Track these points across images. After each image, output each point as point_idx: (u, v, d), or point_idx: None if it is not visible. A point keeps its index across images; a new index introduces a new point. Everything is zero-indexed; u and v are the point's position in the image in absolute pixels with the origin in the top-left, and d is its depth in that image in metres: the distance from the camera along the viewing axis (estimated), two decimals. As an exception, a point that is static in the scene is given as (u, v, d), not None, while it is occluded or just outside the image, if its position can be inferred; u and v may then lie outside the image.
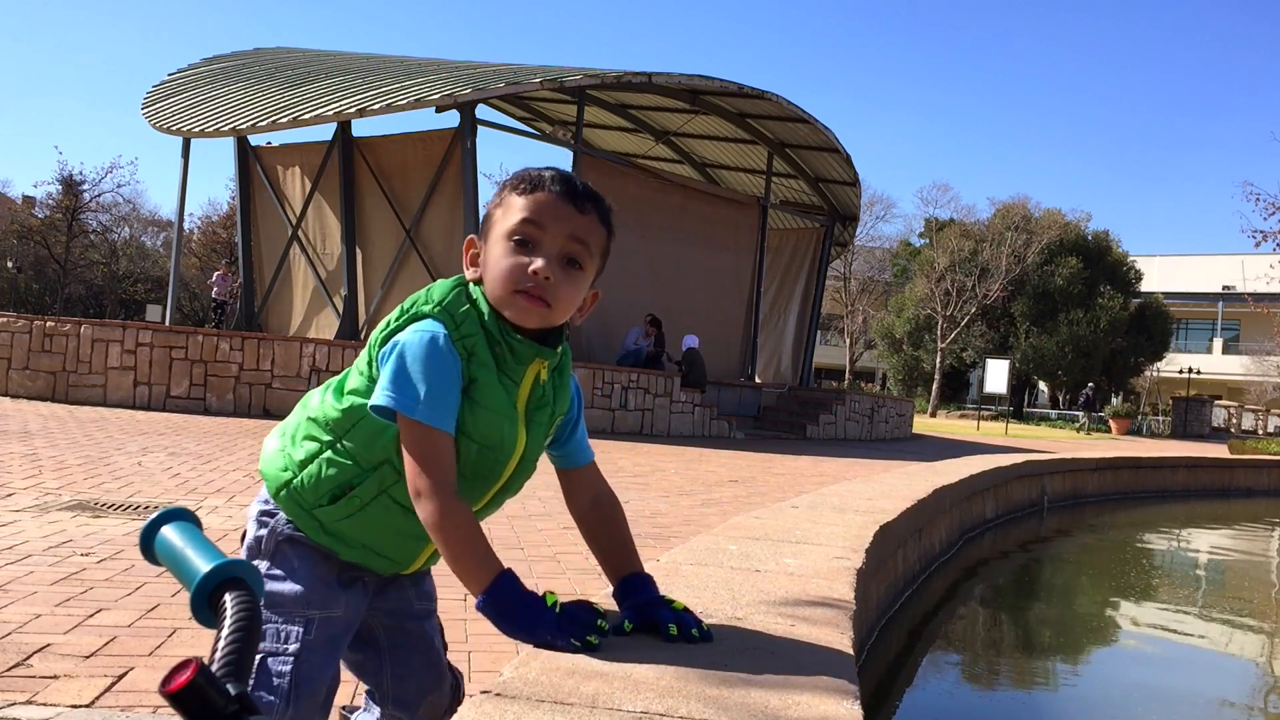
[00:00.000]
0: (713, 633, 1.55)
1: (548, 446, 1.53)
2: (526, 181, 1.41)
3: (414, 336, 1.35)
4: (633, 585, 1.51)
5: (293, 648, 1.38)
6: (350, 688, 2.35)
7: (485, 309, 1.40)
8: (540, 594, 1.39)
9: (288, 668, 1.36)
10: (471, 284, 1.43)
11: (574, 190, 1.40)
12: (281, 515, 1.45)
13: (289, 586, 1.41)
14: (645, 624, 1.50)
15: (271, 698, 1.35)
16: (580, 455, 1.56)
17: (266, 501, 1.47)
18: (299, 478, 1.42)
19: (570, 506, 1.59)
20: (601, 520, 1.56)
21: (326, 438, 1.41)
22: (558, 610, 1.36)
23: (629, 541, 1.56)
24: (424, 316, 1.38)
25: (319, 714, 1.43)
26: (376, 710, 1.59)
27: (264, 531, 1.45)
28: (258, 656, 1.37)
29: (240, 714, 0.74)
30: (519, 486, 1.51)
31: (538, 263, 1.36)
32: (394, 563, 1.48)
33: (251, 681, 1.38)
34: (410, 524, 1.40)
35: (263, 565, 1.43)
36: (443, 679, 1.57)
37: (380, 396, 1.33)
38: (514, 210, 1.39)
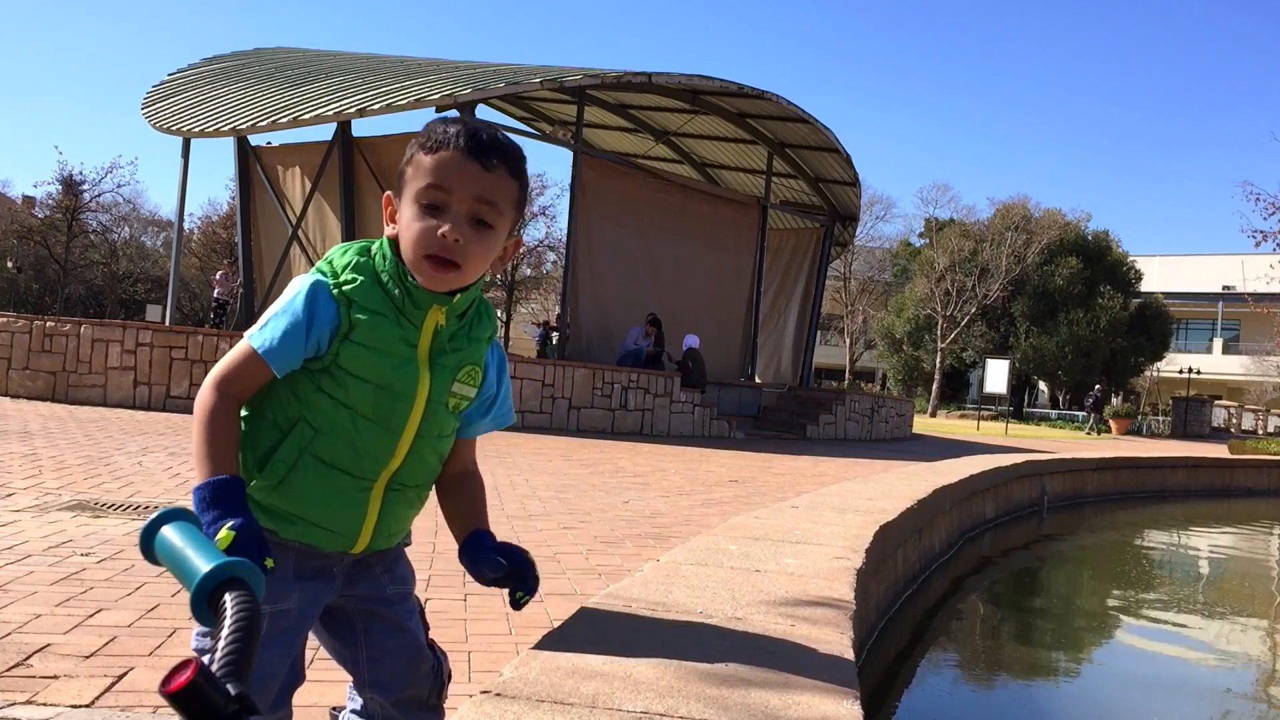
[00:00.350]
0: (535, 588, 1.50)
1: (466, 413, 1.52)
2: (433, 139, 1.39)
3: (287, 290, 1.41)
4: (474, 538, 1.51)
5: None
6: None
7: (387, 255, 1.42)
8: (233, 521, 1.25)
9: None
10: (387, 240, 1.44)
11: (480, 147, 1.39)
12: None
13: None
14: (481, 574, 1.49)
15: None
16: (470, 430, 1.55)
17: None
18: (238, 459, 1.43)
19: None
20: (461, 489, 1.55)
21: (249, 411, 1.43)
22: (223, 545, 1.25)
23: (482, 507, 1.56)
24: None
25: (273, 712, 1.42)
26: (359, 700, 1.58)
27: None
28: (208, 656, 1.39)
29: (240, 714, 0.74)
30: (438, 439, 1.47)
31: (445, 226, 1.37)
32: (338, 535, 1.43)
33: None
34: (337, 481, 1.40)
35: None
36: (418, 662, 1.54)
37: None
38: (421, 171, 1.39)
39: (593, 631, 2.37)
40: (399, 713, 1.54)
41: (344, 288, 1.39)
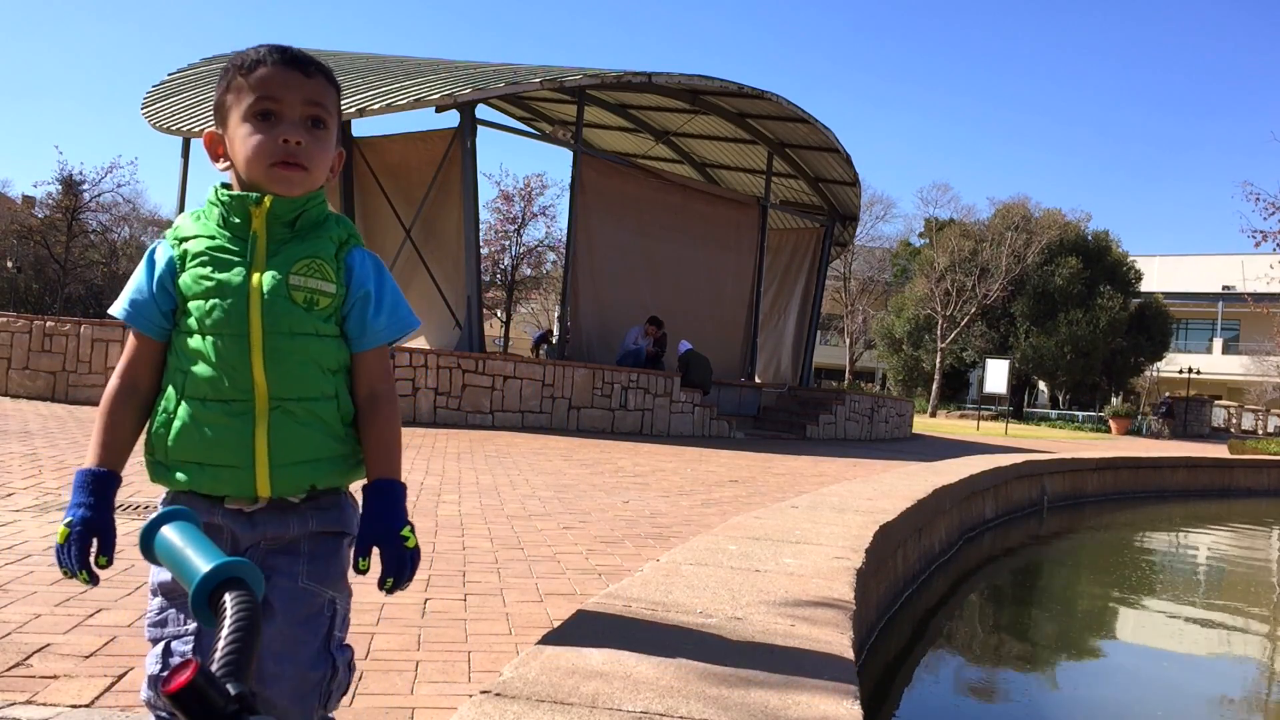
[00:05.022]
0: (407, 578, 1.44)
1: (346, 326, 1.46)
2: (247, 61, 1.44)
3: None
4: (368, 501, 1.44)
5: (192, 626, 1.40)
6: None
7: (216, 189, 1.46)
8: (71, 516, 1.35)
9: (188, 648, 1.38)
10: (218, 184, 1.48)
11: (296, 58, 1.45)
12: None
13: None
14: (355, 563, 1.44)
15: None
16: (363, 339, 1.47)
17: None
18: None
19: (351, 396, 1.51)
20: (367, 418, 1.48)
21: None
22: (59, 540, 1.35)
23: (389, 444, 1.48)
24: None
25: None
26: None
27: None
28: (162, 643, 1.40)
29: (240, 714, 0.74)
30: (293, 337, 1.41)
31: (284, 131, 1.41)
32: (232, 469, 1.39)
33: (157, 664, 1.38)
34: (213, 412, 1.39)
35: None
36: (284, 661, 1.40)
37: None
38: (245, 91, 1.43)
39: (593, 631, 2.37)
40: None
41: (177, 231, 1.46)
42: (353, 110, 12.91)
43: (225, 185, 1.47)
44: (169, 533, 1.00)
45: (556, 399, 12.26)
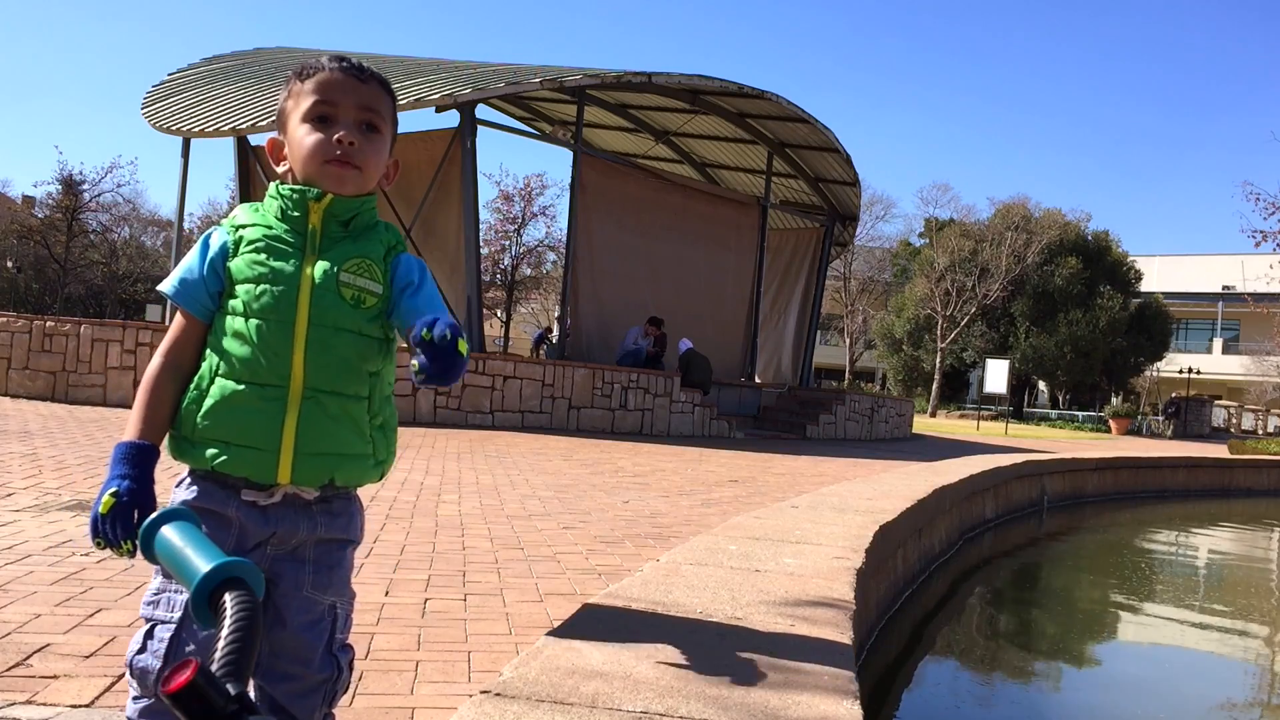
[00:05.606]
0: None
1: (396, 313, 1.47)
2: (308, 69, 1.53)
3: None
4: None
5: (177, 614, 1.42)
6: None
7: (273, 190, 1.51)
8: (116, 486, 1.35)
9: (169, 633, 1.41)
10: (276, 183, 1.53)
11: (353, 66, 1.53)
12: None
13: None
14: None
15: (150, 663, 1.40)
16: (411, 314, 1.45)
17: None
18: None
19: None
20: None
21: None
22: (102, 510, 1.34)
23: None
24: None
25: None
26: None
27: None
28: (146, 625, 1.42)
29: (240, 714, 0.74)
30: (337, 332, 1.44)
31: (340, 132, 1.48)
32: (257, 451, 1.41)
33: (138, 648, 1.39)
34: (247, 394, 1.42)
35: None
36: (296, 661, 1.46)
37: None
38: (305, 96, 1.51)
39: (593, 631, 2.37)
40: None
41: (234, 219, 1.51)
42: (353, 110, 12.89)
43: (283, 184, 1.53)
44: (169, 533, 1.00)
45: (556, 399, 12.26)
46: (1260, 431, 40.42)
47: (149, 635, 1.42)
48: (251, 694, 0.78)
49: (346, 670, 1.51)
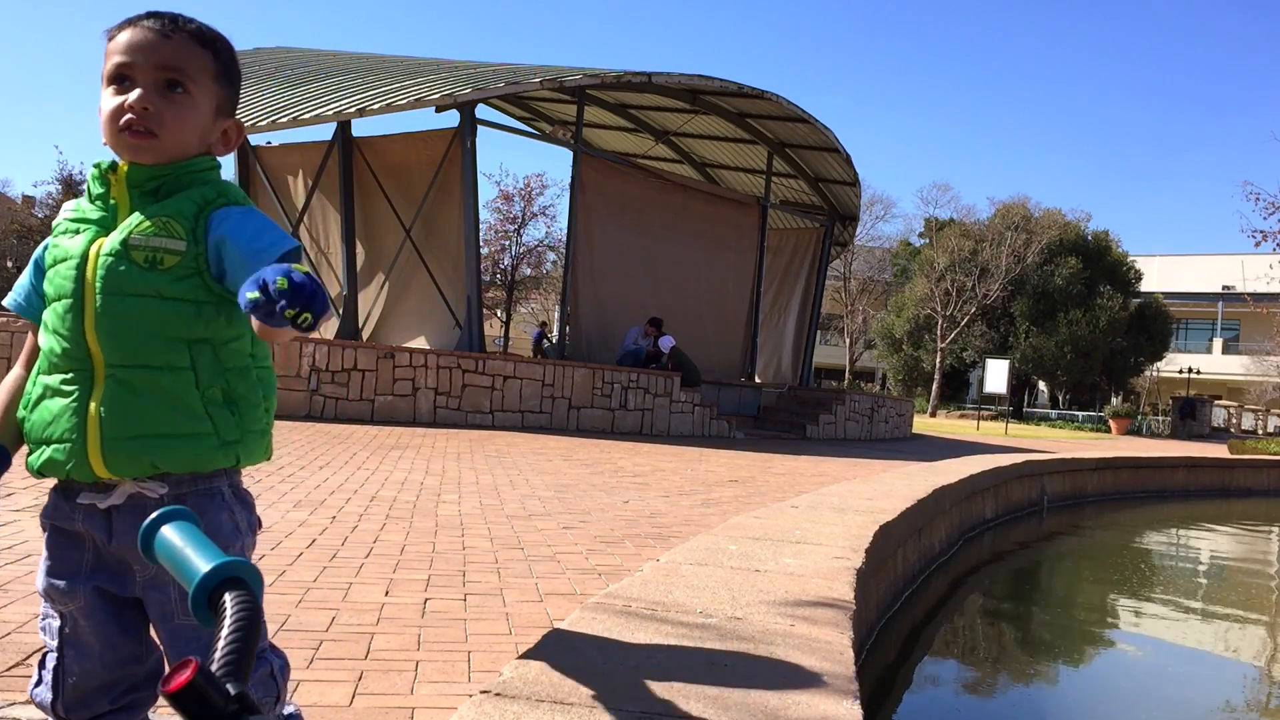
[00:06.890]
0: None
1: (226, 280, 1.34)
2: (116, 25, 1.39)
3: None
4: None
5: (55, 642, 1.39)
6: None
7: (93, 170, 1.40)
8: None
9: (54, 662, 1.38)
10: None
11: (157, 16, 1.37)
12: None
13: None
14: None
15: (45, 696, 1.37)
16: (231, 285, 1.32)
17: None
18: None
19: None
20: None
21: None
22: None
23: None
24: None
25: (84, 711, 1.37)
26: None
27: None
28: (41, 654, 1.39)
29: (240, 714, 0.74)
30: (126, 298, 1.32)
31: (131, 95, 1.33)
32: (68, 444, 1.32)
33: (35, 680, 1.37)
34: (51, 385, 1.36)
35: None
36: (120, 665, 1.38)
37: None
38: (109, 57, 1.37)
39: (593, 631, 2.37)
40: None
41: (60, 213, 1.43)
42: (352, 110, 12.91)
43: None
44: (169, 533, 1.00)
45: (556, 399, 12.26)
46: (1260, 431, 40.43)
47: (41, 665, 1.38)
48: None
49: (268, 693, 1.39)
